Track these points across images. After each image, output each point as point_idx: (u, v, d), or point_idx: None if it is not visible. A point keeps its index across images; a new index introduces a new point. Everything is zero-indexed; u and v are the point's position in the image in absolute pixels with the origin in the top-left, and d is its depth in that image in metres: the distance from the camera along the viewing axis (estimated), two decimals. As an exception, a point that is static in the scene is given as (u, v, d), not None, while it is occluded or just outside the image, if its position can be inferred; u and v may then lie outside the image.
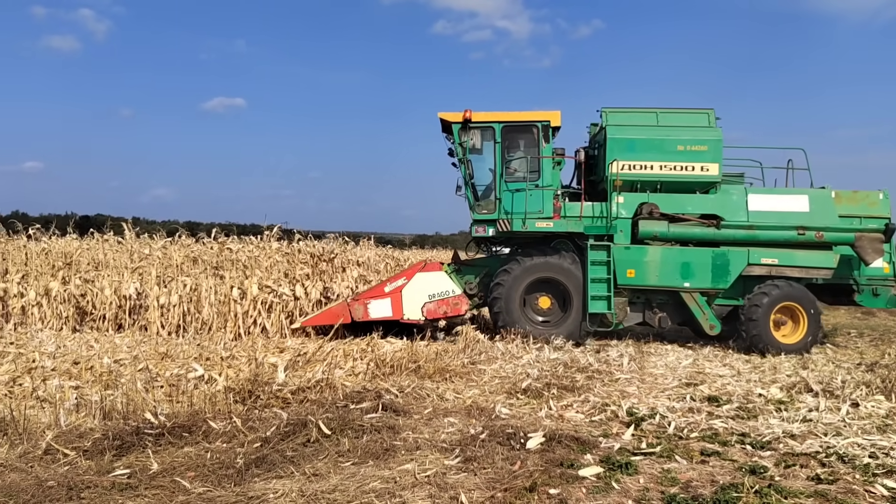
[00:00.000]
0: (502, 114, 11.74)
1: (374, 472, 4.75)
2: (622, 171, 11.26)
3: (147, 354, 9.07)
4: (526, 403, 7.03)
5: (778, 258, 11.07)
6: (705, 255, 11.21)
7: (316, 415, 5.88)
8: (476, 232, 11.90)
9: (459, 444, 5.34)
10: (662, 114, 11.61)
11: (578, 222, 11.47)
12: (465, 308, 11.63)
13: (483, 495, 4.29)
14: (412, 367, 8.29)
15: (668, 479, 4.64)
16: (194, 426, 5.69)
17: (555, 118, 11.61)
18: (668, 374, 8.76)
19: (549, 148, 11.61)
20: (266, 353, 9.04)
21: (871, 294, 11.45)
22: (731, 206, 11.30)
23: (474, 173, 11.94)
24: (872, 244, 10.65)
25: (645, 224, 11.20)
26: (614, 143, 11.35)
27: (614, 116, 11.68)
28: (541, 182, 11.60)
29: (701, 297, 11.29)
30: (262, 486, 4.44)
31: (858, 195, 11.49)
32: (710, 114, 11.55)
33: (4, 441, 5.32)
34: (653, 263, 11.23)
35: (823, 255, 11.04)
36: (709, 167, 11.20)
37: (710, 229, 11.18)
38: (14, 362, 8.35)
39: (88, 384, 7.37)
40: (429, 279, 11.49)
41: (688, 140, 11.27)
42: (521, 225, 11.37)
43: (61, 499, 4.17)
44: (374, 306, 11.21)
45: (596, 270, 11.22)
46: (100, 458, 5.01)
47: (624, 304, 11.54)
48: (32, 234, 14.74)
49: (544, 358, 9.48)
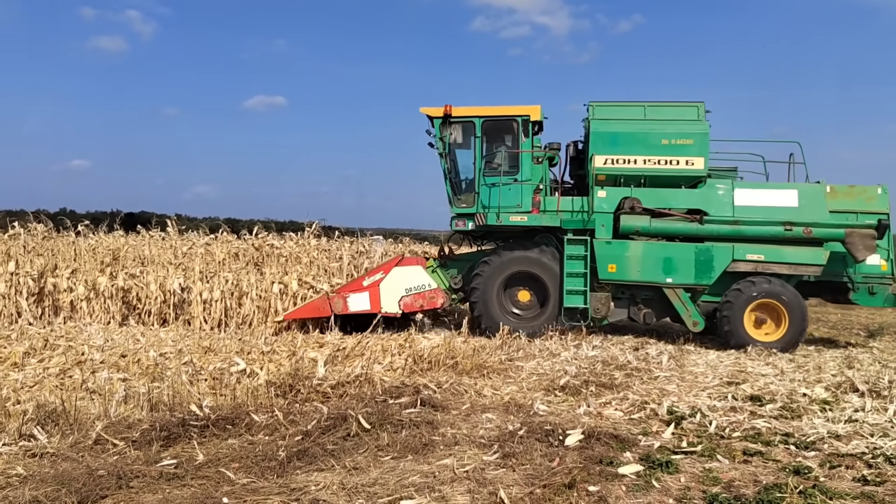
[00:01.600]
0: (483, 108, 11.78)
1: (413, 466, 4.79)
2: (605, 165, 11.19)
3: (191, 348, 9.28)
4: (564, 401, 7.01)
5: (764, 254, 10.79)
6: (688, 250, 11.04)
7: (355, 409, 5.95)
8: (456, 226, 11.96)
9: (498, 440, 5.36)
10: (651, 107, 11.43)
11: (556, 216, 11.44)
12: (440, 301, 11.75)
13: (522, 491, 4.30)
14: (450, 363, 8.33)
15: (709, 479, 4.59)
16: (237, 419, 5.81)
17: (534, 112, 11.58)
18: (708, 372, 8.64)
19: (528, 142, 11.65)
20: (306, 348, 9.17)
21: (867, 292, 11.05)
22: (716, 201, 11.11)
23: (455, 167, 12.03)
24: (864, 240, 10.30)
25: (626, 219, 11.08)
26: (597, 136, 11.29)
27: (600, 110, 11.57)
28: (520, 176, 11.59)
29: (685, 294, 11.13)
30: (304, 479, 4.52)
31: (855, 190, 11.11)
32: (699, 107, 11.31)
33: (56, 431, 5.50)
34: (634, 259, 11.11)
35: (812, 252, 10.70)
36: (694, 161, 11.02)
37: (692, 224, 10.97)
38: (64, 355, 8.62)
39: (135, 376, 7.58)
40: (405, 273, 11.67)
41: (673, 134, 11.11)
42: (495, 219, 11.39)
43: (111, 487, 4.30)
44: (353, 300, 11.41)
45: (572, 265, 11.22)
46: (147, 448, 5.15)
47: (607, 300, 11.36)
48: (81, 230, 15.15)
49: (582, 355, 9.44)
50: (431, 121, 11.86)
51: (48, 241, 14.47)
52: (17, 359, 8.25)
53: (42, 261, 13.43)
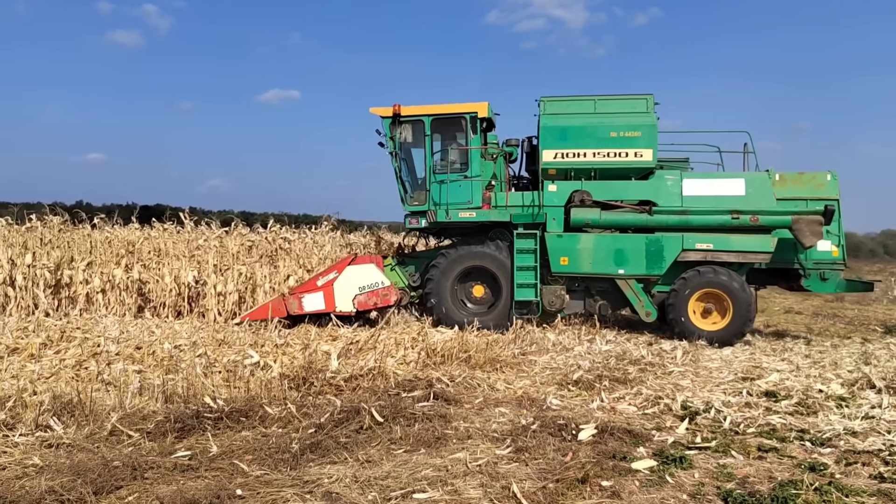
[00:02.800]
0: (431, 107, 11.87)
1: (425, 459, 4.80)
2: (555, 159, 11.27)
3: (205, 341, 9.33)
4: (577, 395, 7.00)
5: (713, 243, 10.88)
6: (639, 241, 11.13)
7: (368, 402, 5.97)
8: (409, 223, 12.08)
9: (510, 434, 5.36)
10: (601, 101, 11.48)
11: (505, 211, 11.54)
12: (394, 299, 11.77)
13: (535, 485, 4.30)
14: (463, 357, 8.33)
15: (723, 475, 4.56)
16: (251, 411, 5.85)
17: (482, 109, 11.64)
18: (723, 367, 8.59)
19: (477, 139, 11.69)
20: (319, 341, 9.20)
21: (818, 278, 11.08)
22: (665, 192, 11.17)
23: (406, 166, 12.14)
24: (810, 227, 10.31)
25: (577, 212, 11.19)
26: (546, 131, 11.36)
27: (551, 105, 11.57)
28: (469, 173, 11.68)
29: (637, 284, 11.20)
30: (317, 471, 4.53)
31: (805, 177, 11.15)
32: (648, 99, 11.36)
33: (72, 422, 5.55)
34: (586, 251, 11.22)
35: (760, 240, 10.78)
36: (643, 153, 11.07)
37: (642, 215, 11.07)
38: (80, 346, 8.69)
39: (150, 368, 7.64)
40: (359, 272, 11.70)
41: (621, 126, 11.15)
42: (444, 215, 11.49)
43: (126, 478, 4.34)
44: (307, 300, 11.47)
45: (522, 259, 11.30)
46: (162, 439, 5.19)
47: (561, 292, 11.39)
48: (97, 223, 15.26)
49: (596, 350, 9.41)
50: (382, 121, 11.96)
51: (64, 234, 14.58)
52: (34, 350, 8.33)
53: (58, 253, 13.53)
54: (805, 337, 11.78)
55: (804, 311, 16.42)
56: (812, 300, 18.56)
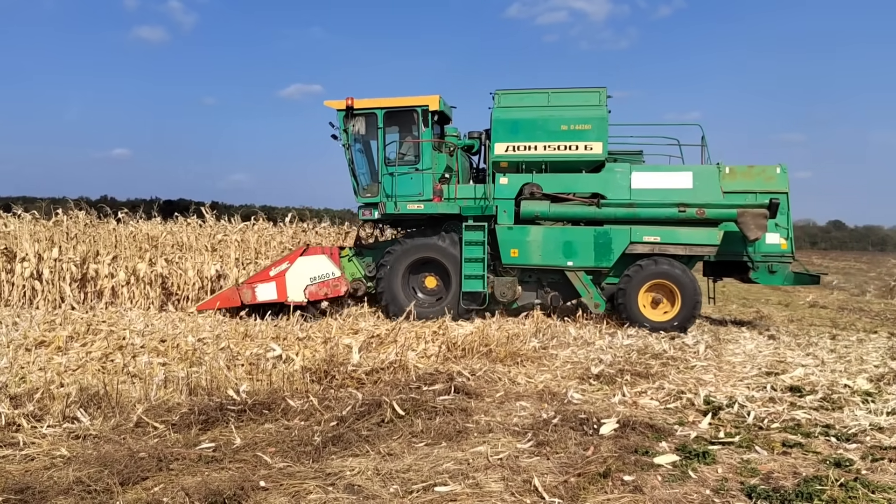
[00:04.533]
0: (384, 100, 12.00)
1: (447, 453, 4.81)
2: (506, 152, 11.38)
3: (228, 334, 9.41)
4: (598, 389, 6.97)
5: (660, 236, 11.00)
6: (587, 233, 11.30)
7: (390, 395, 5.99)
8: (363, 215, 12.26)
9: (532, 428, 5.35)
10: (554, 94, 11.53)
11: (454, 204, 11.67)
12: (344, 289, 11.99)
13: (556, 479, 4.29)
14: (483, 351, 8.33)
15: (747, 470, 4.52)
16: (273, 404, 5.89)
17: (433, 102, 11.74)
18: (746, 362, 8.51)
19: (429, 132, 11.79)
20: (340, 335, 9.24)
21: (766, 271, 11.25)
22: (614, 185, 11.30)
23: (360, 158, 12.30)
24: (755, 220, 10.43)
25: (526, 204, 11.33)
26: (498, 124, 11.47)
27: (505, 98, 11.63)
28: (421, 165, 11.81)
29: (586, 276, 11.35)
30: (339, 464, 4.56)
31: (754, 170, 11.28)
32: (601, 92, 11.43)
33: (98, 414, 5.63)
34: (535, 243, 11.38)
35: (707, 232, 10.89)
36: (593, 146, 11.17)
37: (590, 208, 11.16)
38: (106, 339, 8.81)
39: (175, 361, 7.72)
40: (310, 263, 11.87)
41: (571, 119, 11.24)
42: (393, 207, 11.67)
43: (151, 469, 4.40)
44: (260, 290, 11.65)
45: (470, 251, 11.43)
46: (187, 431, 5.25)
47: (513, 284, 11.57)
48: (121, 217, 15.45)
49: (617, 344, 9.36)
50: (336, 113, 12.12)
51: (90, 228, 14.77)
52: (61, 343, 8.45)
53: (84, 247, 13.71)
54: (830, 331, 11.62)
55: (829, 306, 16.22)
56: (837, 294, 18.32)
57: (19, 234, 13.72)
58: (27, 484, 4.11)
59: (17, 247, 13.42)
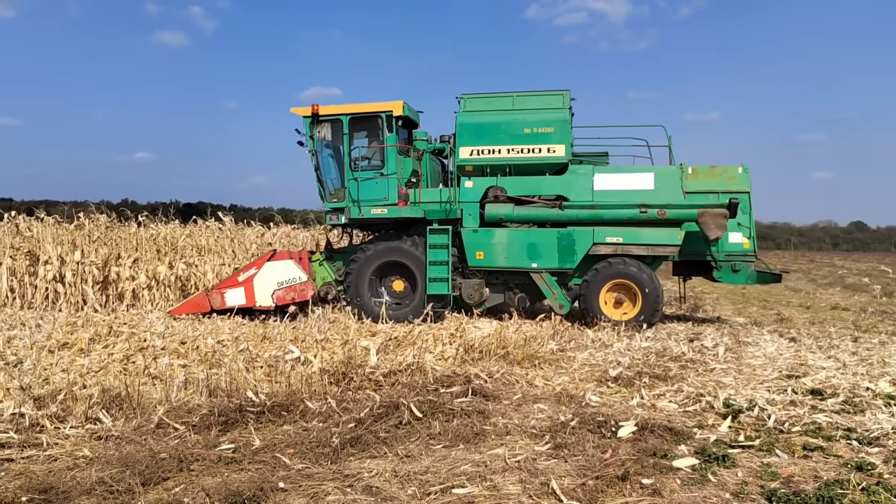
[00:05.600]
0: (349, 106, 12.20)
1: (464, 455, 4.81)
2: (471, 156, 11.54)
3: (247, 336, 9.49)
4: (616, 392, 6.94)
5: (623, 237, 11.13)
6: (551, 235, 11.43)
7: (407, 398, 6.00)
8: (330, 220, 12.48)
9: (549, 431, 5.34)
10: (519, 97, 11.68)
11: (418, 208, 11.86)
12: (311, 293, 12.13)
13: (574, 482, 4.28)
14: (501, 353, 8.32)
15: (767, 474, 4.48)
16: (292, 405, 5.93)
17: (397, 108, 11.90)
18: (767, 364, 8.42)
19: (393, 137, 11.96)
20: (358, 337, 9.28)
21: (730, 270, 11.33)
22: (576, 187, 11.42)
23: (326, 164, 12.42)
24: (715, 219, 10.51)
25: (490, 207, 11.48)
26: (462, 129, 11.63)
27: (470, 102, 11.78)
28: (386, 170, 11.95)
29: (550, 277, 11.45)
30: (357, 465, 4.58)
31: (716, 170, 11.35)
32: (564, 95, 11.53)
33: (120, 415, 5.70)
34: (500, 245, 11.54)
35: (668, 233, 11.02)
36: (555, 149, 11.27)
37: (553, 210, 11.29)
38: (127, 341, 8.92)
39: (195, 363, 7.80)
40: (277, 268, 12.06)
41: (534, 122, 11.34)
42: (358, 212, 11.86)
43: (172, 470, 4.44)
44: (229, 295, 11.89)
45: (435, 254, 11.53)
46: (206, 432, 5.30)
47: (480, 286, 11.71)
48: (142, 221, 15.63)
49: (635, 346, 9.31)
50: (302, 120, 12.29)
51: (111, 232, 14.97)
52: (84, 345, 8.57)
53: (106, 250, 13.90)
54: (852, 334, 11.48)
55: (851, 308, 16.01)
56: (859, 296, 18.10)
57: (42, 238, 13.92)
58: (51, 484, 4.17)
59: (40, 250, 13.63)
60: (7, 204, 35.05)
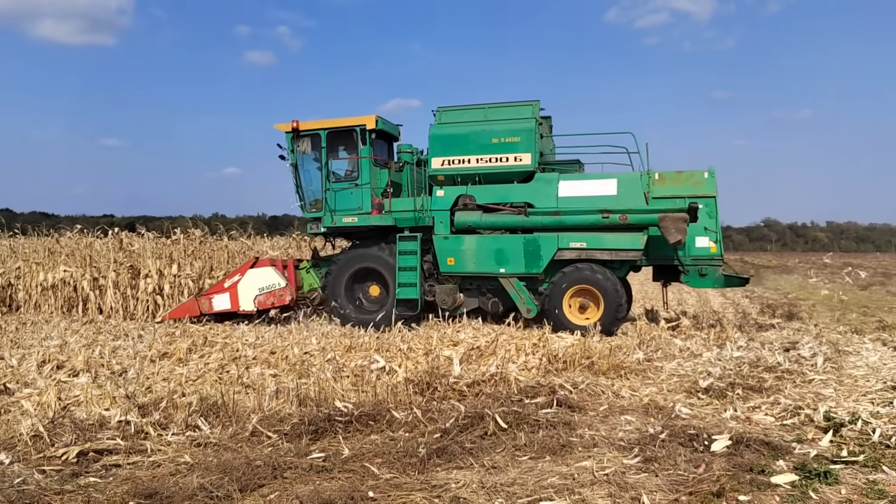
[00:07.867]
0: (326, 121, 12.75)
1: (551, 467, 4.77)
2: (442, 166, 11.97)
3: (333, 346, 9.71)
4: (708, 404, 6.72)
5: (586, 242, 11.32)
6: (517, 241, 11.70)
7: (492, 408, 6.00)
8: (310, 229, 13.04)
9: (638, 444, 5.23)
10: (491, 108, 12.08)
11: (388, 216, 12.31)
12: (289, 298, 12.74)
13: (666, 497, 4.18)
14: (585, 363, 8.22)
15: (874, 491, 4.25)
16: (379, 415, 6.03)
17: (370, 122, 12.40)
18: (870, 375, 7.95)
19: (367, 149, 12.45)
20: (441, 347, 9.35)
21: (697, 274, 11.31)
22: (542, 194, 11.66)
23: (306, 176, 13.01)
24: (676, 224, 10.49)
25: (459, 215, 11.91)
26: (434, 140, 12.08)
27: (445, 115, 12.26)
28: (360, 181, 12.50)
29: (518, 282, 11.72)
30: (444, 476, 4.62)
31: (682, 175, 11.38)
32: (533, 106, 11.90)
33: (217, 422, 5.95)
34: (469, 251, 11.91)
35: (631, 237, 11.11)
36: (522, 157, 11.62)
37: (519, 217, 11.58)
38: (222, 351, 9.30)
39: (284, 372, 8.05)
40: (258, 274, 12.80)
41: (502, 132, 11.72)
42: (331, 220, 12.42)
43: (267, 477, 4.60)
44: (216, 300, 12.79)
45: (404, 260, 12.02)
46: (298, 441, 5.46)
47: (453, 291, 12.08)
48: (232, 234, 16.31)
49: (727, 356, 8.99)
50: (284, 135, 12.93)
51: (204, 245, 15.66)
52: (182, 355, 8.99)
53: (200, 263, 14.56)
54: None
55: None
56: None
57: (143, 253, 14.71)
58: (155, 489, 4.39)
59: (141, 264, 14.40)
60: (109, 220, 37.13)
